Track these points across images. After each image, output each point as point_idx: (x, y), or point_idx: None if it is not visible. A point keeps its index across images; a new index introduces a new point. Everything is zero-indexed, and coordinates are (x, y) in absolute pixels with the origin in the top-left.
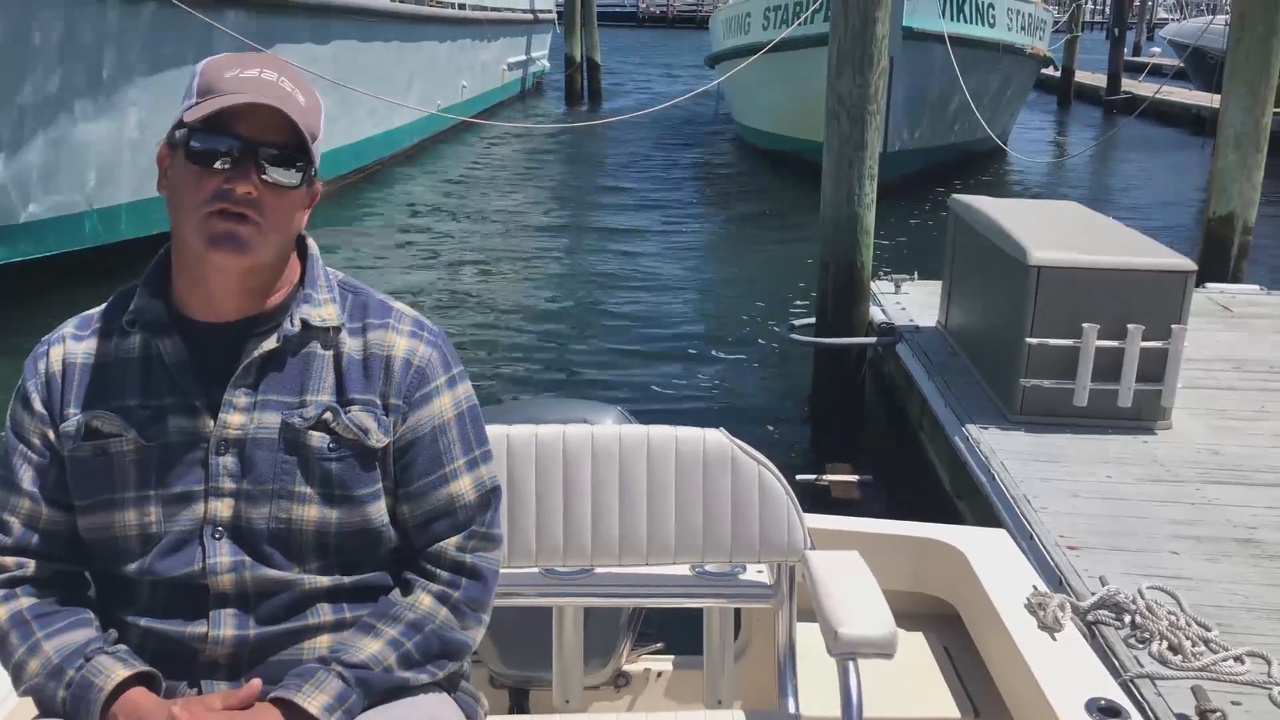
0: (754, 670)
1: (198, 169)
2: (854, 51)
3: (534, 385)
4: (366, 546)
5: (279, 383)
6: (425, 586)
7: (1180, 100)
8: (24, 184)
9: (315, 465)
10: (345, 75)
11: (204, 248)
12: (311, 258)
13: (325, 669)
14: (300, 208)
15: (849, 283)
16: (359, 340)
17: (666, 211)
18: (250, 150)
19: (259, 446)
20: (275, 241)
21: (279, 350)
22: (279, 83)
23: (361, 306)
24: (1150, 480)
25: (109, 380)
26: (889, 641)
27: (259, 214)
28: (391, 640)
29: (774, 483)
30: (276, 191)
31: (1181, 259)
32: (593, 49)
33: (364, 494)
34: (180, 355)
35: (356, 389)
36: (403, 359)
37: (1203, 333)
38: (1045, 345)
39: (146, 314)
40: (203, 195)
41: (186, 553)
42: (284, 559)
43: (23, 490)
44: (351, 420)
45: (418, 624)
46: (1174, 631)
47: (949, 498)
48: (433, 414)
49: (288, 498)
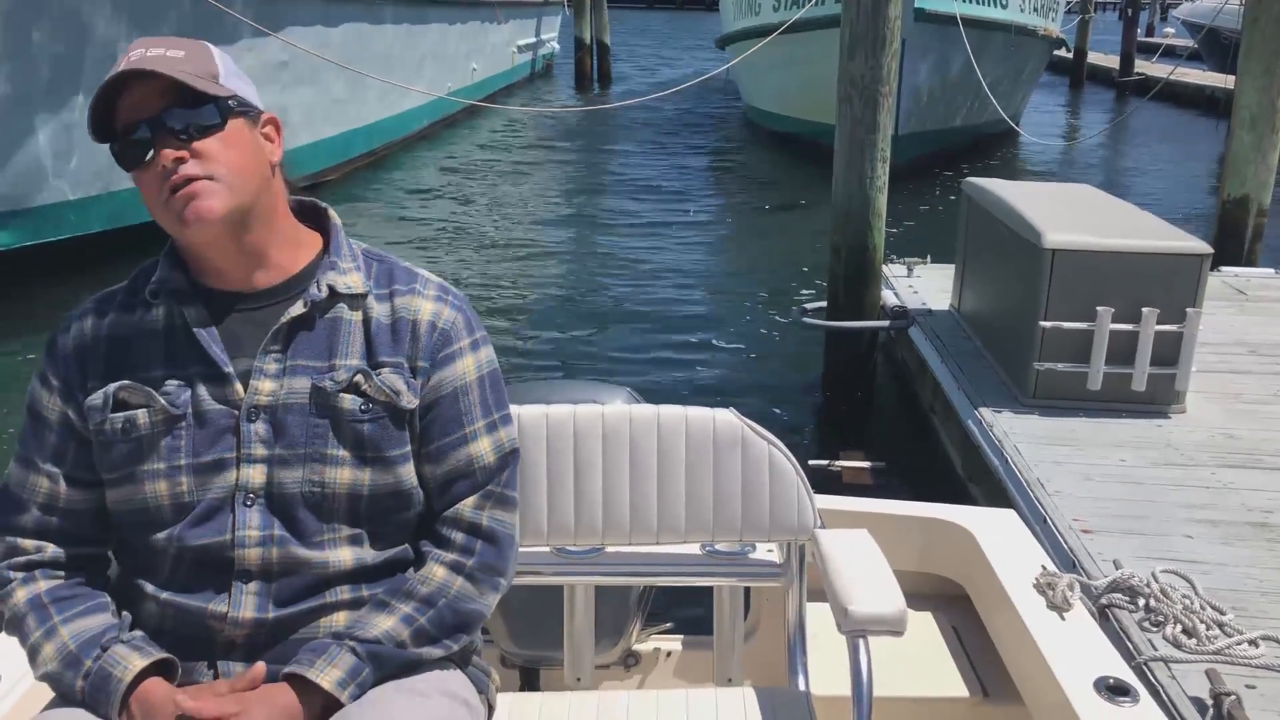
0: (763, 649)
1: (139, 174)
2: (866, 33)
3: (543, 367)
4: (396, 510)
5: (307, 347)
6: (439, 558)
7: (1194, 82)
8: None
9: (347, 428)
10: (355, 58)
11: (179, 231)
12: (335, 227)
13: (338, 644)
14: (249, 139)
15: (861, 266)
16: (386, 305)
17: (676, 194)
18: (157, 125)
19: (290, 411)
20: (240, 183)
21: (306, 315)
22: (146, 55)
23: (387, 273)
24: (1164, 464)
25: (134, 352)
26: (899, 619)
27: (204, 169)
28: (405, 616)
29: (784, 462)
30: (207, 140)
31: (1197, 242)
32: (602, 31)
33: (395, 455)
34: (205, 323)
35: (386, 352)
36: (428, 321)
37: (1217, 316)
38: (1059, 329)
39: (169, 284)
40: (155, 188)
41: (217, 522)
42: (315, 524)
43: (41, 470)
44: (383, 382)
45: (431, 598)
46: (1188, 615)
47: (961, 481)
48: (455, 375)
49: (321, 460)
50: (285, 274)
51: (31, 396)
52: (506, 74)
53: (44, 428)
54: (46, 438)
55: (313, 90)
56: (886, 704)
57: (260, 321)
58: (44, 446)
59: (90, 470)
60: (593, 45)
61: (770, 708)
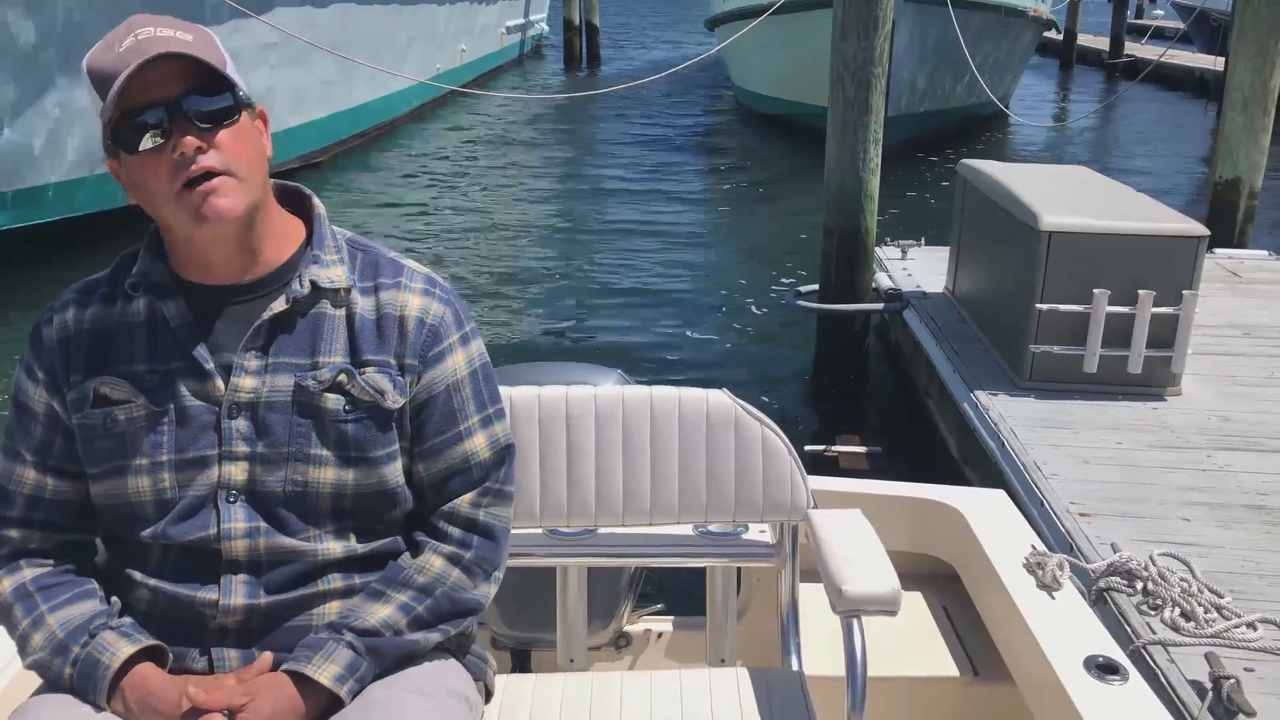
0: (754, 630)
1: (144, 158)
2: (859, 13)
3: (533, 350)
4: (382, 509)
5: (289, 344)
6: (436, 548)
7: (1183, 64)
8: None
9: (331, 427)
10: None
11: (194, 228)
12: (318, 217)
13: (335, 639)
14: (254, 133)
15: (853, 249)
16: (371, 300)
17: (665, 177)
18: (174, 109)
19: (272, 409)
20: (252, 178)
21: (288, 312)
22: (157, 34)
23: (372, 265)
24: (1161, 447)
25: (115, 346)
26: (893, 599)
27: (222, 162)
28: (402, 605)
29: (777, 443)
30: (220, 129)
31: (1194, 224)
32: (591, 12)
33: (380, 455)
34: (185, 318)
35: (370, 349)
36: (416, 318)
37: (1212, 298)
38: (1055, 311)
39: (150, 277)
40: (164, 178)
41: (201, 518)
42: (299, 522)
43: (27, 461)
44: (367, 382)
45: (428, 587)
46: (1186, 598)
47: (956, 464)
48: (446, 372)
49: (304, 460)
50: (269, 267)
51: (17, 387)
52: (495, 55)
53: (29, 419)
54: (32, 429)
55: (301, 71)
56: (877, 683)
57: (241, 316)
58: (30, 438)
59: (76, 461)
60: (582, 27)
61: (765, 687)
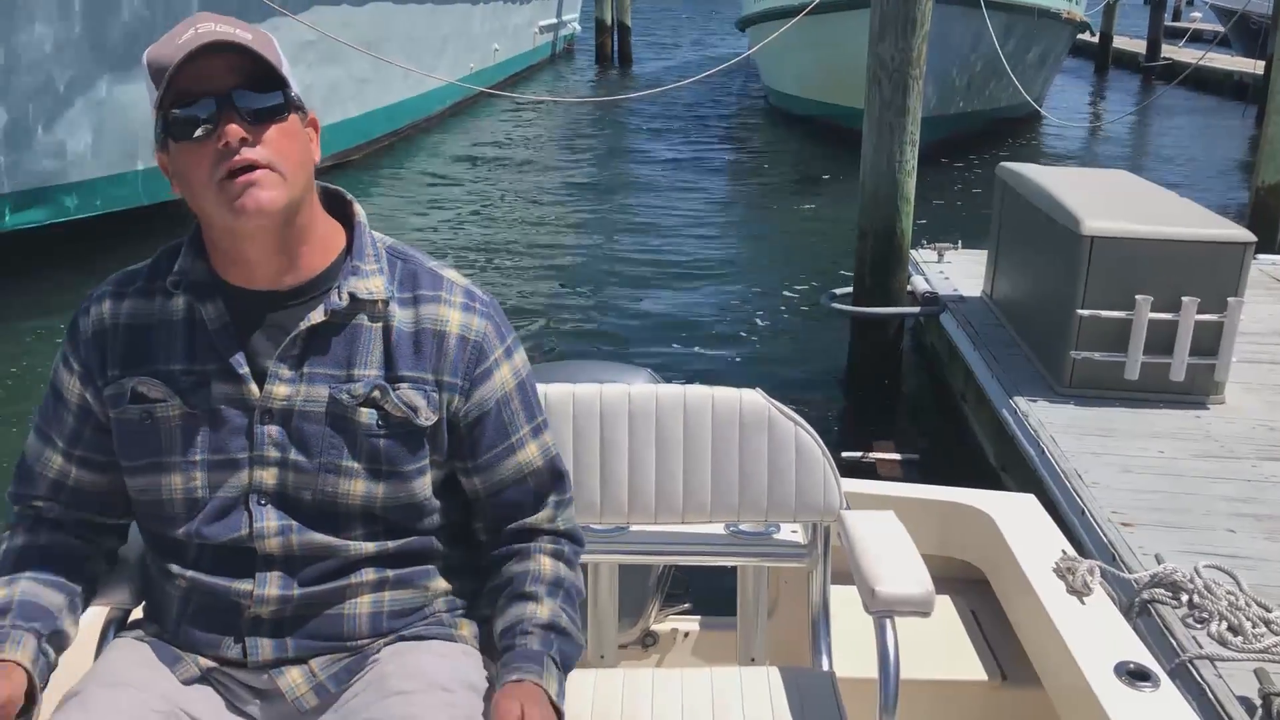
0: (784, 631)
1: (190, 146)
2: (897, 14)
3: (565, 349)
4: (411, 518)
5: (325, 355)
6: (539, 548)
7: (1221, 67)
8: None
9: (363, 441)
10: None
11: (231, 219)
12: (359, 225)
13: (546, 656)
14: (303, 135)
15: (888, 251)
16: (410, 312)
17: (698, 178)
18: (224, 101)
19: (306, 419)
20: (296, 177)
21: (325, 323)
22: (216, 29)
23: (411, 276)
24: (1204, 456)
25: (153, 343)
26: (926, 600)
27: (265, 156)
28: (554, 604)
29: (810, 443)
30: (268, 124)
31: (1240, 230)
32: (623, 12)
33: (411, 469)
34: (223, 321)
35: (407, 365)
36: (458, 335)
37: (1256, 305)
38: (1097, 317)
39: (191, 275)
40: (207, 167)
41: (233, 519)
42: (330, 524)
43: (57, 447)
44: (400, 398)
45: (559, 581)
46: (1234, 612)
47: (993, 471)
48: (495, 387)
49: (334, 472)
50: (309, 274)
51: (55, 374)
52: (528, 54)
53: (63, 408)
54: (65, 418)
55: (339, 69)
56: (905, 686)
57: (279, 324)
58: (61, 425)
59: (103, 453)
60: (614, 27)
61: (795, 687)
